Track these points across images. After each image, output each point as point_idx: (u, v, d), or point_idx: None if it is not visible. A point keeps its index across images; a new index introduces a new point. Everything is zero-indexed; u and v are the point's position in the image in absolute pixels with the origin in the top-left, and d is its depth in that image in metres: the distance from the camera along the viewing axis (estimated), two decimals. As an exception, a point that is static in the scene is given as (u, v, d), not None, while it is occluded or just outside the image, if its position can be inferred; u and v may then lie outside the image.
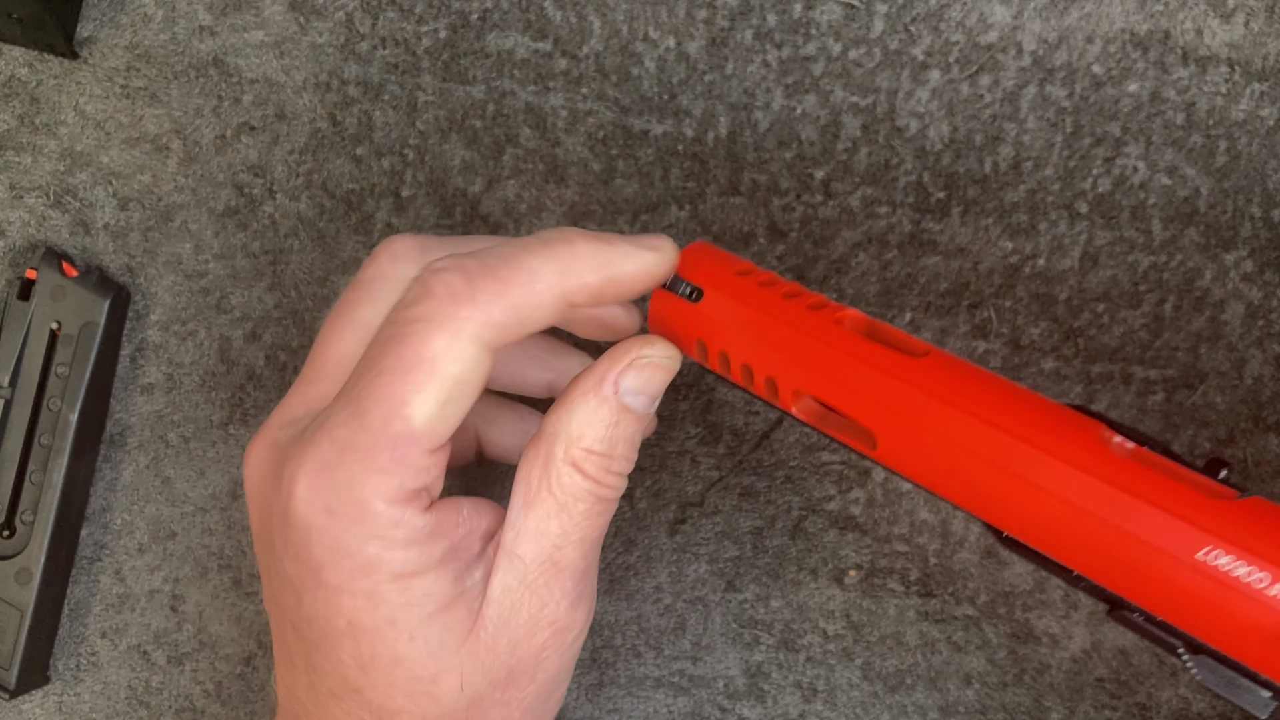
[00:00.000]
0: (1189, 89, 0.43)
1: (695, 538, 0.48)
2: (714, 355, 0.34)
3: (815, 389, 0.33)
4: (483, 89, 0.45)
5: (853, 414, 0.32)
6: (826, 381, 0.33)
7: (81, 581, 0.49)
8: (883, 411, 0.31)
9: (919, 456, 0.31)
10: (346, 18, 0.46)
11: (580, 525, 0.33)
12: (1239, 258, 0.44)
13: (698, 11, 0.44)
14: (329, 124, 0.46)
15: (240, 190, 0.47)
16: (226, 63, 0.46)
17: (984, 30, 0.44)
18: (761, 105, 0.45)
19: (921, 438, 0.31)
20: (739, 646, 0.48)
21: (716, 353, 0.34)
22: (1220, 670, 0.28)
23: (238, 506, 0.48)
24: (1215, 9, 0.43)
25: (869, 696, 0.47)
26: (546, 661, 0.34)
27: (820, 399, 0.33)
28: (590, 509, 0.33)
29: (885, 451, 0.31)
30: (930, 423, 0.31)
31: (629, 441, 0.34)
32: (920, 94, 0.44)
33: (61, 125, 0.47)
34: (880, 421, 0.31)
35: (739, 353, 0.34)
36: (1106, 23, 0.43)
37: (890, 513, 0.47)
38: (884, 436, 0.31)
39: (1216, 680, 0.28)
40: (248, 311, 0.47)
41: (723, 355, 0.34)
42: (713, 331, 0.34)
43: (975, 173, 0.44)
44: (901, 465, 0.31)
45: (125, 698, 0.49)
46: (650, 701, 0.48)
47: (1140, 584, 0.28)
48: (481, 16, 0.45)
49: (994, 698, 0.47)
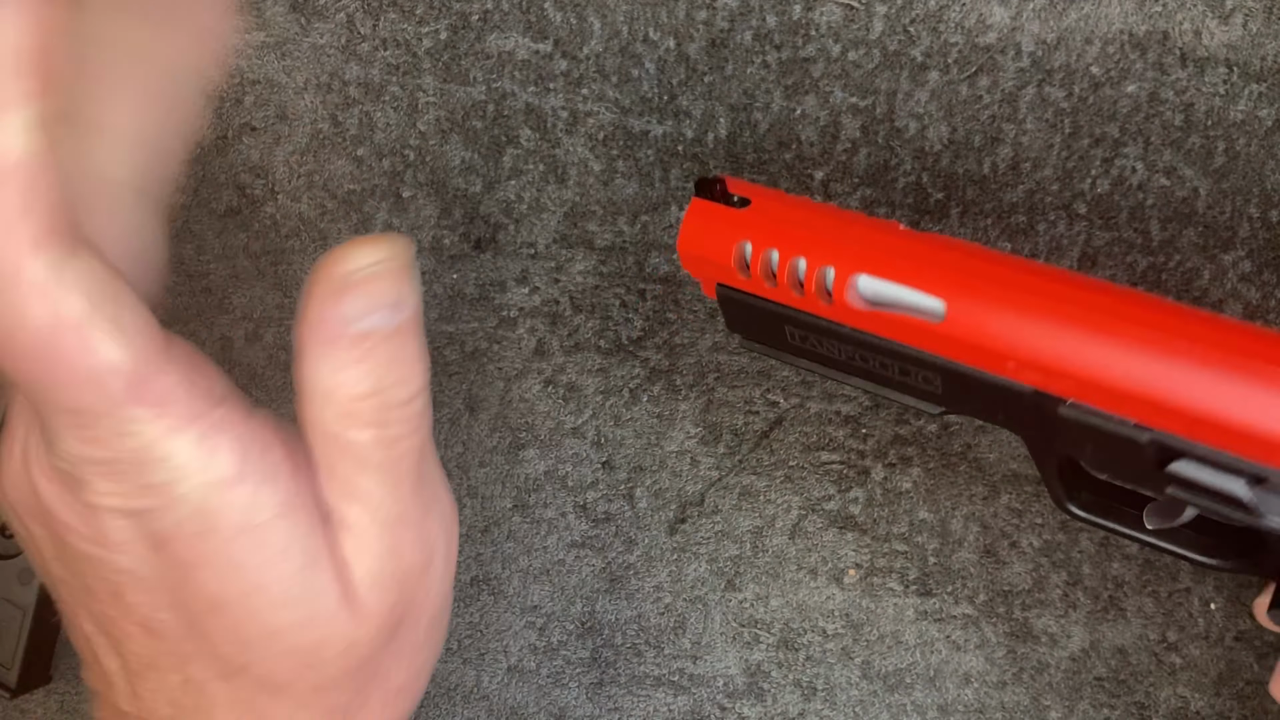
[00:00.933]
0: (1187, 90, 0.44)
1: (695, 537, 0.48)
2: (758, 259, 0.33)
3: (876, 265, 0.32)
4: (483, 90, 0.46)
5: (918, 283, 0.31)
6: (888, 256, 0.32)
7: (83, 581, 0.49)
8: (952, 274, 0.31)
9: (994, 317, 0.30)
10: (347, 19, 0.46)
11: (393, 469, 0.30)
12: (1237, 258, 0.44)
13: (697, 13, 0.44)
14: (330, 125, 0.46)
15: (241, 191, 0.47)
16: (227, 63, 0.46)
17: (982, 31, 0.44)
18: (761, 106, 0.45)
19: (997, 294, 0.30)
20: (739, 645, 0.48)
21: (761, 255, 0.33)
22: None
23: (239, 506, 0.48)
24: (1213, 10, 0.43)
25: (868, 695, 0.48)
26: (430, 592, 0.32)
27: (882, 275, 0.32)
28: (394, 451, 0.30)
29: (954, 321, 0.30)
30: (1005, 276, 0.30)
31: (394, 363, 0.29)
32: (919, 95, 0.44)
33: (63, 126, 0.47)
34: (950, 285, 0.31)
35: (790, 246, 0.33)
36: (1105, 24, 0.43)
37: (889, 512, 0.47)
38: (955, 301, 0.30)
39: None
40: (249, 312, 0.48)
41: (767, 257, 0.33)
42: (760, 230, 0.33)
43: (974, 173, 0.45)
44: (972, 333, 0.30)
45: (127, 697, 0.49)
46: (650, 700, 0.48)
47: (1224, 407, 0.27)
48: (482, 17, 0.45)
49: (993, 696, 0.47)
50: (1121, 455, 0.29)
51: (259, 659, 0.30)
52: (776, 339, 0.35)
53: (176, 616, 0.29)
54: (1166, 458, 0.29)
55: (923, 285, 0.31)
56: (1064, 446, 0.31)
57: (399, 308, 0.29)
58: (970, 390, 0.32)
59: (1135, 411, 0.28)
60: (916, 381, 0.33)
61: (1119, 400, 0.28)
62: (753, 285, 0.34)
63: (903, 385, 0.34)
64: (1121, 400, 0.28)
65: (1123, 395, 0.28)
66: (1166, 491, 0.29)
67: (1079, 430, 0.30)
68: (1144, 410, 0.28)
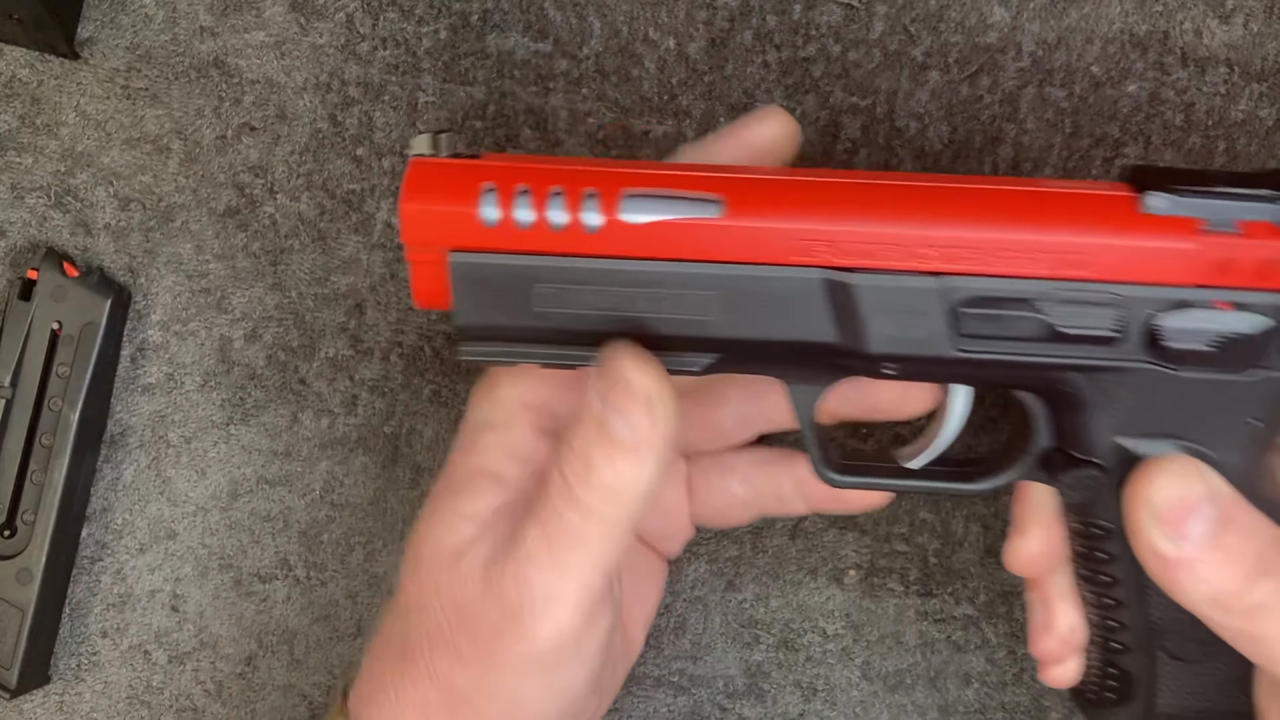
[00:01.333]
0: (1188, 90, 0.44)
1: (695, 537, 0.48)
2: (507, 200, 0.31)
3: (643, 181, 0.31)
4: (483, 90, 0.46)
5: (691, 187, 0.31)
6: (653, 171, 0.31)
7: (82, 581, 0.49)
8: (723, 177, 0.31)
9: (773, 199, 0.31)
10: (347, 18, 0.46)
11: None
12: (1237, 258, 0.44)
13: (698, 13, 0.44)
14: (330, 124, 0.46)
15: (241, 190, 0.47)
16: (227, 63, 0.46)
17: (983, 31, 0.44)
18: (761, 106, 0.45)
19: (771, 184, 0.31)
20: (739, 646, 0.48)
21: (511, 195, 0.31)
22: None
23: (238, 506, 0.48)
24: (1214, 10, 0.43)
25: (869, 696, 0.48)
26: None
27: (651, 186, 0.31)
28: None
29: (734, 211, 0.31)
30: (773, 173, 0.32)
31: (599, 456, 0.32)
32: (920, 95, 0.44)
33: (62, 126, 0.47)
34: (723, 185, 0.31)
35: (542, 180, 0.31)
36: (1105, 24, 0.43)
37: (890, 512, 0.47)
38: (732, 194, 0.31)
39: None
40: (248, 311, 0.48)
41: (517, 197, 0.31)
42: (503, 173, 0.31)
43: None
44: (755, 216, 0.31)
45: (126, 697, 0.49)
46: (650, 700, 0.48)
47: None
48: (482, 17, 0.45)
49: (993, 697, 0.47)
50: (914, 311, 0.31)
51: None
52: (520, 313, 0.32)
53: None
54: (954, 304, 0.31)
55: (696, 188, 0.31)
56: (857, 330, 0.32)
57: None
58: (756, 304, 0.31)
59: (919, 261, 0.30)
60: (691, 312, 0.31)
61: (903, 252, 0.30)
62: (498, 238, 0.31)
63: (671, 339, 0.32)
64: (905, 251, 0.30)
65: (907, 245, 0.30)
66: (959, 349, 0.31)
67: (873, 298, 0.31)
68: (928, 256, 0.30)
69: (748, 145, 0.34)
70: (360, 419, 0.48)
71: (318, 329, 0.47)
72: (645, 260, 0.31)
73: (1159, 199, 0.31)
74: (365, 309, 0.47)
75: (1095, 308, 0.31)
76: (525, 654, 0.33)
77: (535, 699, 0.34)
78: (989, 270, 0.31)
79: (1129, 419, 0.32)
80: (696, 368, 0.32)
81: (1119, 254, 0.30)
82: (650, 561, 0.42)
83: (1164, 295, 0.31)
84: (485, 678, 0.33)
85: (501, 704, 0.34)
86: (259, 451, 0.48)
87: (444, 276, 0.31)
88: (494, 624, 0.33)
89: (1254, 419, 0.32)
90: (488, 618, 0.33)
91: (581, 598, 0.32)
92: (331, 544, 0.48)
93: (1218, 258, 0.30)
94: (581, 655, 0.34)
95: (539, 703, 0.34)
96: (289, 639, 0.49)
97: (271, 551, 0.48)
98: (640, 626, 0.42)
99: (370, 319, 0.47)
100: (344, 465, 0.48)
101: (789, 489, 0.39)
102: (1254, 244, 0.30)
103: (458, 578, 0.34)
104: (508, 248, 0.31)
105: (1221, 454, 0.32)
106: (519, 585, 0.32)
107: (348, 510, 0.48)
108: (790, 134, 0.34)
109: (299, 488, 0.48)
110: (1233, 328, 0.31)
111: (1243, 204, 0.30)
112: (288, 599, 0.49)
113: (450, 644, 0.34)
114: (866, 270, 0.31)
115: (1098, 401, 0.32)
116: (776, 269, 0.31)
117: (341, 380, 0.48)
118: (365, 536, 0.48)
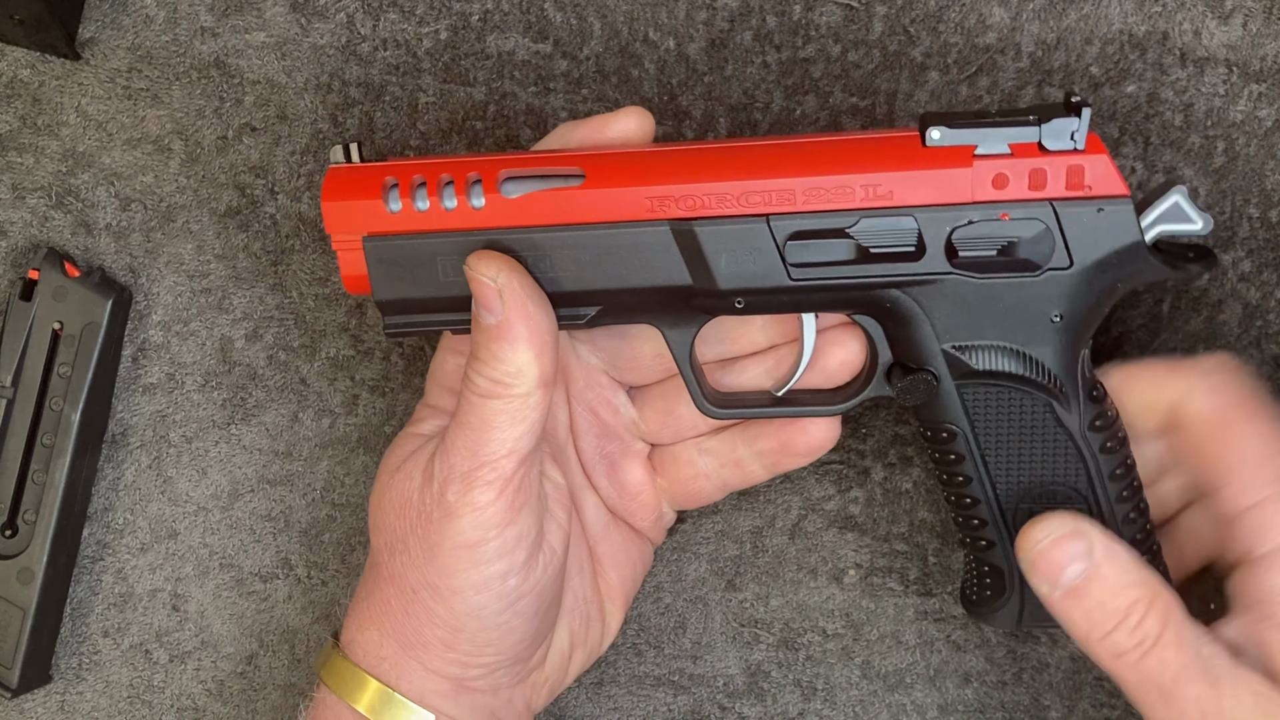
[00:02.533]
0: (1187, 90, 0.44)
1: (695, 537, 0.48)
2: (407, 189, 0.37)
3: (516, 164, 0.37)
4: (483, 90, 0.46)
5: (557, 164, 0.37)
6: (523, 157, 0.38)
7: (83, 581, 0.49)
8: (585, 155, 0.38)
9: (625, 166, 0.37)
10: (348, 19, 0.46)
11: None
12: (1236, 258, 0.44)
13: (697, 13, 0.44)
14: (330, 125, 0.46)
15: (242, 191, 0.47)
16: (228, 64, 0.46)
17: (982, 32, 0.44)
18: (761, 106, 0.45)
19: (626, 156, 0.38)
20: (739, 645, 0.48)
21: (409, 184, 0.37)
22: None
23: (239, 506, 0.48)
24: (1213, 10, 0.43)
25: (868, 695, 0.48)
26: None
27: (522, 167, 0.37)
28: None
29: (593, 177, 0.37)
30: (632, 150, 0.38)
31: (481, 347, 0.37)
32: (919, 95, 0.44)
33: (63, 126, 0.47)
34: (585, 160, 0.37)
35: (434, 172, 0.37)
36: (1104, 24, 0.43)
37: (889, 512, 0.47)
38: (591, 166, 0.37)
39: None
40: (249, 311, 0.48)
41: (415, 184, 0.37)
42: (402, 170, 0.38)
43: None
44: (609, 180, 0.37)
45: (127, 696, 0.49)
46: (650, 700, 0.48)
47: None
48: (482, 18, 0.45)
49: (993, 696, 0.47)
50: (751, 248, 0.37)
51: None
52: (427, 284, 0.38)
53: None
54: (783, 239, 0.37)
55: (561, 164, 0.37)
56: (706, 270, 0.37)
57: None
58: (620, 258, 0.37)
59: (749, 207, 0.37)
60: (568, 269, 0.38)
61: (734, 201, 0.37)
62: (402, 222, 0.37)
63: (555, 296, 0.38)
64: (736, 200, 0.37)
65: (736, 195, 0.37)
66: (794, 279, 0.38)
67: (715, 240, 0.37)
68: (755, 203, 0.37)
69: (608, 136, 0.39)
70: (361, 419, 0.48)
71: (318, 329, 0.48)
72: (524, 228, 0.37)
73: (937, 132, 0.36)
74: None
75: (897, 229, 0.37)
76: (453, 535, 0.37)
77: (470, 588, 0.38)
78: (807, 208, 0.37)
79: (949, 326, 0.38)
80: (582, 320, 0.38)
81: (907, 181, 0.37)
82: (624, 533, 0.45)
83: (954, 212, 0.37)
84: (429, 570, 0.38)
85: (444, 598, 0.38)
86: (260, 451, 0.48)
87: (362, 261, 0.38)
88: (429, 512, 0.38)
89: (1054, 316, 0.38)
90: (425, 507, 0.38)
91: (493, 476, 0.37)
92: (332, 543, 0.49)
93: (992, 174, 0.36)
94: (505, 541, 0.37)
95: (475, 594, 0.38)
96: (290, 638, 0.49)
97: (272, 551, 0.49)
98: (618, 590, 0.45)
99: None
100: (344, 465, 0.48)
101: (745, 452, 0.43)
102: (1022, 161, 0.36)
103: (404, 477, 0.39)
104: (410, 229, 0.38)
105: (1037, 350, 0.38)
106: (443, 469, 0.37)
107: (348, 510, 0.48)
108: (646, 130, 0.40)
109: (300, 487, 0.48)
110: (1013, 232, 0.37)
111: (1011, 130, 0.36)
112: (288, 598, 0.49)
113: (403, 544, 0.39)
114: (706, 218, 0.37)
115: (920, 315, 0.38)
116: (632, 225, 0.37)
117: (342, 380, 0.48)
118: (366, 536, 0.48)
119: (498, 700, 0.41)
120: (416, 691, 0.39)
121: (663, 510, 0.45)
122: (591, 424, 0.44)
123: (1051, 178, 0.36)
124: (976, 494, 0.40)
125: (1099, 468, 0.39)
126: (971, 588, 0.42)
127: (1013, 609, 0.41)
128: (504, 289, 0.36)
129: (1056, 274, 0.37)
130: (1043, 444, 0.39)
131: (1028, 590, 0.39)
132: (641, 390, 0.44)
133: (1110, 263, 0.37)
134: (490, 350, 0.37)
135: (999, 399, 0.39)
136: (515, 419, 0.37)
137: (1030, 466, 0.39)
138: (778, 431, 0.42)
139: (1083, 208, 0.36)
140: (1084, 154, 0.36)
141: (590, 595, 0.43)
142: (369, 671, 0.39)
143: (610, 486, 0.44)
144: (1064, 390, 0.38)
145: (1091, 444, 0.38)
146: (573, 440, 0.43)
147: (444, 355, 0.42)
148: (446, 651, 0.39)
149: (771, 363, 0.42)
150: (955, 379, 0.38)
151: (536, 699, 0.43)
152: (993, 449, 0.39)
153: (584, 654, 0.44)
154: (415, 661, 0.39)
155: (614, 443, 0.44)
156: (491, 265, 0.37)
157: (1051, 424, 0.38)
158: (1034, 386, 0.38)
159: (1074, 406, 0.38)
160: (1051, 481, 0.39)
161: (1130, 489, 0.39)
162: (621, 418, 0.44)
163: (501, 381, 0.37)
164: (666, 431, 0.44)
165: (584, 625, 0.43)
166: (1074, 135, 0.36)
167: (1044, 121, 0.36)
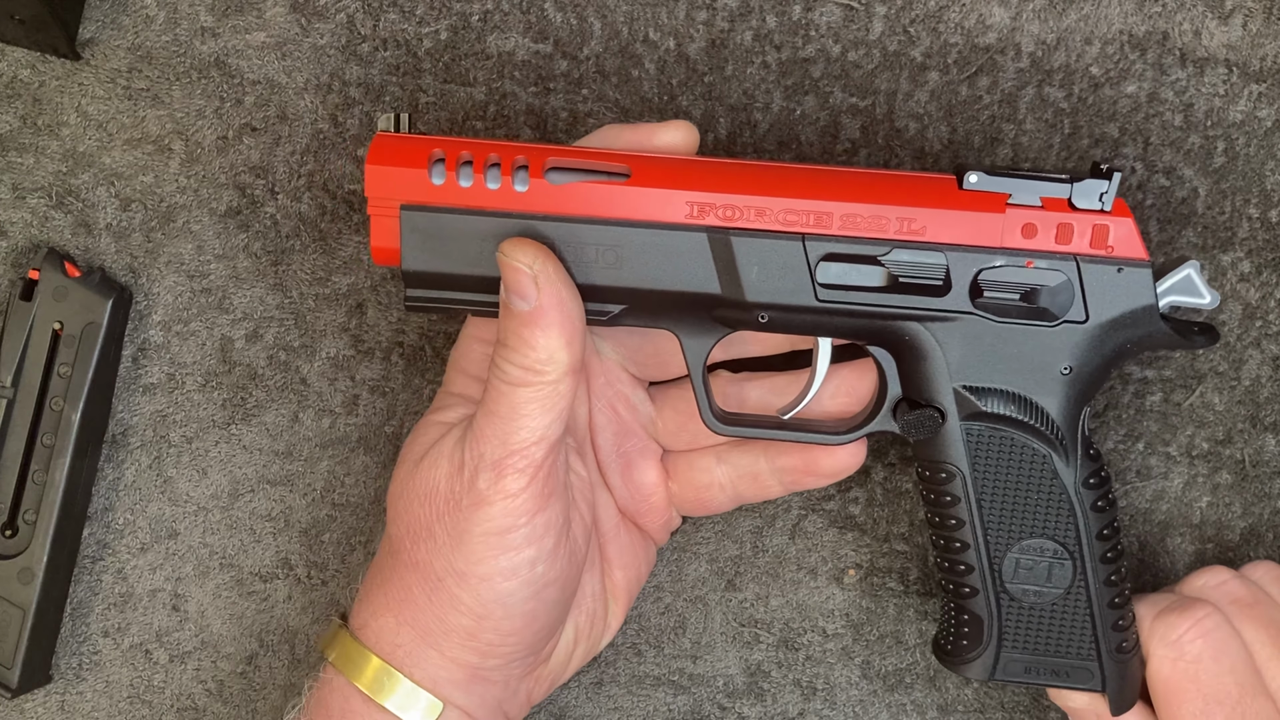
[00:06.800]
0: (1187, 90, 0.44)
1: (695, 537, 0.48)
2: (453, 162, 0.38)
3: (564, 155, 0.38)
4: (483, 90, 0.46)
5: (603, 160, 0.38)
6: (572, 149, 0.39)
7: (83, 581, 0.49)
8: (630, 155, 0.38)
9: (669, 170, 0.38)
10: (348, 19, 0.46)
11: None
12: (1236, 258, 0.44)
13: (697, 13, 0.44)
14: (330, 125, 0.46)
15: (242, 191, 0.47)
16: (228, 64, 0.46)
17: (982, 32, 0.44)
18: (761, 107, 0.45)
19: (670, 161, 0.39)
20: (739, 645, 0.48)
21: (456, 158, 0.38)
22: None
23: (239, 506, 0.48)
24: (1213, 10, 0.43)
25: (868, 695, 0.48)
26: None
27: (570, 159, 0.38)
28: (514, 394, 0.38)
29: (638, 175, 0.38)
30: (675, 157, 0.39)
31: (511, 333, 0.37)
32: (919, 95, 0.44)
33: (64, 126, 0.47)
34: (630, 160, 0.38)
35: (482, 151, 0.38)
36: (1104, 24, 0.44)
37: (890, 512, 0.47)
38: (636, 165, 0.38)
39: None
40: (249, 311, 0.48)
41: (463, 159, 0.38)
42: (450, 145, 0.38)
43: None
44: (653, 181, 0.38)
45: (127, 696, 0.49)
46: (650, 700, 0.48)
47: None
48: (482, 18, 0.45)
49: (993, 696, 0.47)
50: (783, 265, 0.38)
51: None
52: (458, 259, 0.38)
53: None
54: (814, 259, 0.38)
55: (607, 161, 0.38)
56: (736, 280, 0.38)
57: (523, 299, 0.37)
58: (654, 257, 0.38)
59: (787, 224, 0.38)
60: (600, 263, 0.38)
61: (774, 218, 0.38)
62: (444, 194, 0.38)
63: (585, 288, 0.38)
64: (775, 217, 0.38)
65: (776, 212, 0.38)
66: (820, 299, 0.38)
67: (749, 252, 0.38)
68: (793, 221, 0.38)
69: (654, 144, 0.40)
70: (361, 419, 0.48)
71: (319, 329, 0.48)
72: (564, 217, 0.38)
73: (975, 176, 0.38)
74: (366, 309, 0.47)
75: (926, 263, 0.38)
76: (483, 521, 0.37)
77: (498, 574, 0.38)
78: (842, 232, 0.38)
79: (962, 365, 0.39)
80: (605, 317, 0.39)
81: (942, 219, 0.38)
82: (632, 534, 0.45)
83: (982, 255, 0.38)
84: (456, 557, 0.38)
85: (471, 585, 0.38)
86: (260, 451, 0.48)
87: (396, 230, 0.38)
88: (458, 499, 0.38)
89: (1064, 368, 0.39)
90: (454, 495, 0.38)
91: (524, 464, 0.37)
92: (332, 543, 0.49)
93: (1022, 223, 0.38)
94: (534, 527, 0.38)
95: (503, 580, 0.38)
96: (290, 638, 0.49)
97: (272, 551, 0.49)
98: (622, 589, 0.45)
99: (371, 319, 0.47)
100: (345, 465, 0.48)
101: (764, 467, 0.43)
102: (1051, 215, 0.38)
103: (429, 465, 0.39)
104: (450, 203, 0.38)
105: (1044, 400, 0.39)
106: (473, 457, 0.38)
107: (349, 510, 0.48)
108: (691, 145, 0.40)
109: (300, 487, 0.48)
110: (1036, 280, 0.38)
111: (1044, 184, 0.38)
112: (289, 598, 0.49)
113: (428, 531, 0.39)
114: (744, 230, 0.38)
115: (936, 350, 0.39)
116: (671, 227, 0.38)
117: (342, 380, 0.48)
118: (366, 536, 0.48)
119: (506, 692, 0.41)
120: (430, 680, 0.39)
121: (671, 514, 0.45)
122: (610, 420, 0.44)
123: (1078, 234, 0.38)
124: (966, 538, 0.40)
125: (1089, 524, 0.40)
126: (947, 636, 0.42)
127: (988, 660, 0.41)
128: (540, 275, 0.37)
129: (1072, 327, 0.38)
130: (1038, 494, 0.40)
131: (1005, 642, 0.40)
132: (663, 391, 0.44)
133: (1124, 322, 0.38)
134: (521, 336, 0.37)
135: (1000, 444, 0.39)
136: (545, 406, 0.37)
137: (1023, 515, 0.40)
138: (803, 450, 0.42)
139: (1104, 266, 0.38)
140: (1110, 215, 0.38)
141: (598, 592, 0.44)
142: (384, 658, 0.40)
143: (624, 486, 0.44)
144: (1064, 443, 0.39)
145: (1085, 500, 0.39)
146: (590, 437, 0.43)
147: (470, 343, 0.42)
148: (468, 640, 0.39)
149: (783, 382, 0.43)
150: (961, 418, 0.39)
151: (537, 691, 0.43)
152: (988, 494, 0.40)
153: (585, 650, 0.44)
154: (433, 649, 0.39)
155: (631, 440, 0.44)
156: (528, 252, 0.37)
157: (1049, 475, 0.39)
158: (1036, 435, 0.39)
159: (1072, 461, 0.39)
160: (1041, 533, 0.40)
161: (1115, 551, 0.40)
162: (640, 415, 0.44)
163: (532, 369, 0.37)
164: (684, 435, 0.44)
165: (589, 622, 0.43)
166: (1102, 197, 0.38)
167: (1076, 181, 0.38)
